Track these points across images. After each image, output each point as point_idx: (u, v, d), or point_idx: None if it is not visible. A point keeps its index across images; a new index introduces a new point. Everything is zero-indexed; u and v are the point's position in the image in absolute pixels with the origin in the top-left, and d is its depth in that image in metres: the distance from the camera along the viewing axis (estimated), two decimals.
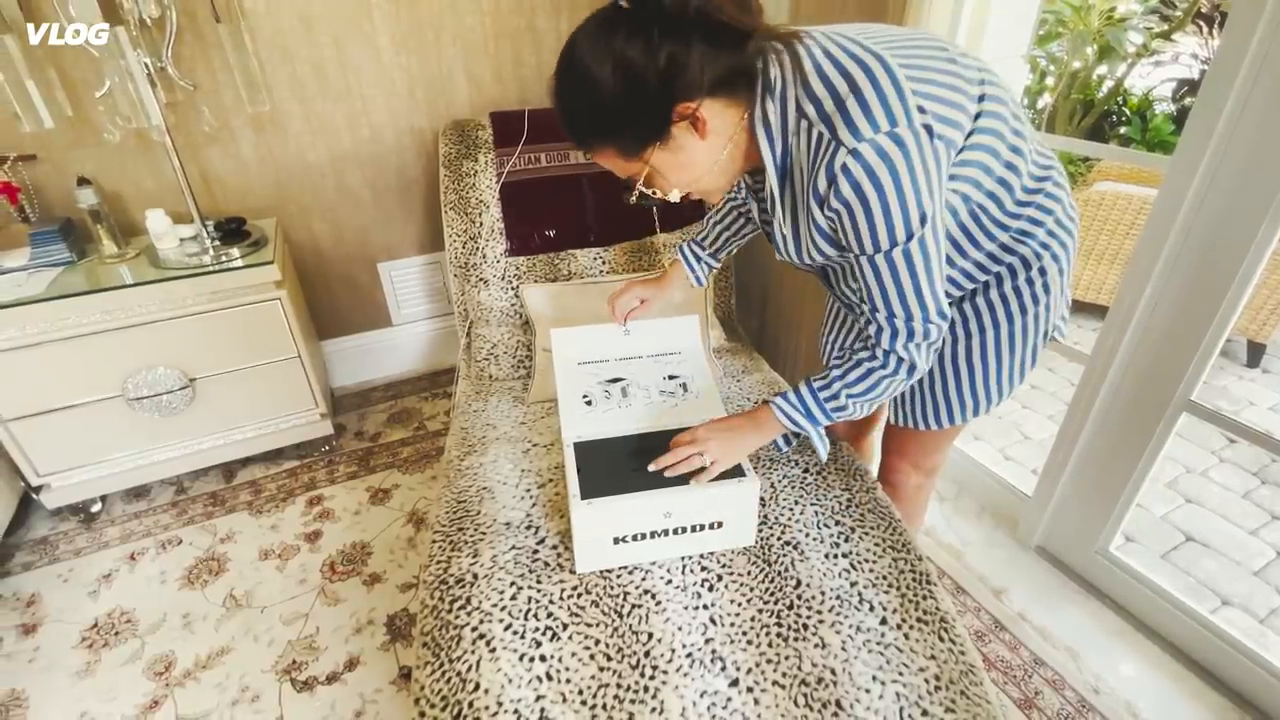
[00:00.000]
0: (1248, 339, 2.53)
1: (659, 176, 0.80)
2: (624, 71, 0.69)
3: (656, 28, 0.68)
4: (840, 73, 0.70)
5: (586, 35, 0.72)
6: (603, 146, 0.78)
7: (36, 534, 1.71)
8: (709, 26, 0.69)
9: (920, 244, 0.73)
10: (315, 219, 2.01)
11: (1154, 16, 3.85)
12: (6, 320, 1.43)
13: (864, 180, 0.69)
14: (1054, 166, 0.87)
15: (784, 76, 0.73)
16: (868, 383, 0.87)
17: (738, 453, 0.98)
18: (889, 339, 0.82)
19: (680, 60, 0.69)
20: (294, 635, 1.42)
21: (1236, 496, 1.89)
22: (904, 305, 0.79)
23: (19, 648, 1.41)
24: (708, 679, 0.87)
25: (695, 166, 0.79)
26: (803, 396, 0.92)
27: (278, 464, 1.92)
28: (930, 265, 0.76)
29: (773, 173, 0.79)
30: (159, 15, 1.49)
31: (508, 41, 1.98)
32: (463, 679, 0.87)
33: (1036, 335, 0.93)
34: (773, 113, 0.74)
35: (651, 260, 1.75)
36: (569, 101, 0.76)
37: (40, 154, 1.64)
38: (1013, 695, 1.27)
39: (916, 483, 1.20)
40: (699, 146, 0.77)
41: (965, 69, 0.76)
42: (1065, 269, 0.90)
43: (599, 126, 0.76)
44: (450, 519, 1.13)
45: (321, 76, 1.83)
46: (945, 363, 0.98)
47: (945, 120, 0.72)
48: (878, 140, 0.68)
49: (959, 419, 1.02)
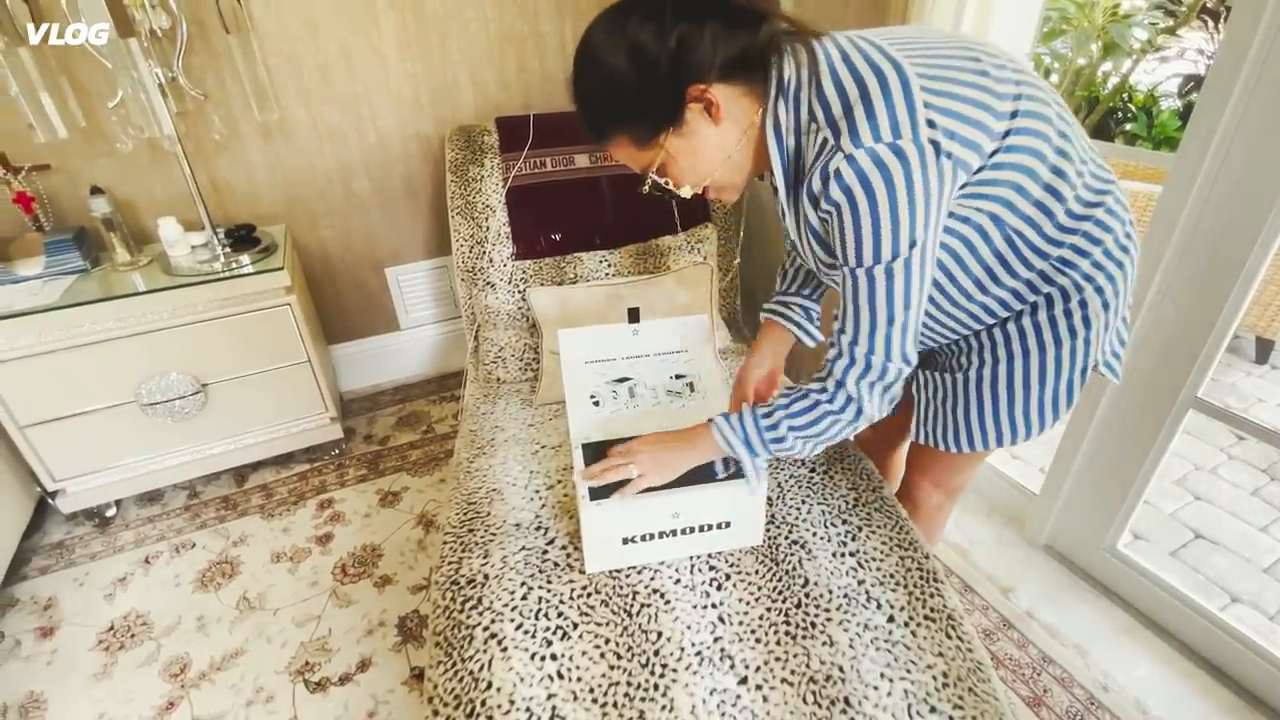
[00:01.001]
0: (1256, 335, 2.52)
1: (673, 165, 0.79)
2: (637, 55, 0.70)
3: (669, 10, 0.69)
4: (854, 77, 0.69)
5: (601, 25, 0.72)
6: (618, 135, 0.78)
7: (53, 538, 1.73)
8: (721, 6, 0.69)
9: (905, 266, 0.71)
10: (324, 225, 2.03)
11: (1159, 12, 3.84)
12: (22, 328, 1.45)
13: (855, 186, 0.68)
14: (1111, 190, 0.80)
15: (799, 76, 0.72)
16: (811, 416, 0.83)
17: (668, 470, 0.95)
18: (843, 368, 0.79)
19: (691, 40, 0.69)
20: (306, 637, 1.44)
21: (1246, 493, 1.88)
22: (871, 333, 0.76)
23: (37, 650, 1.43)
24: (717, 677, 0.88)
25: (709, 155, 0.78)
26: (744, 422, 0.88)
27: (288, 467, 1.94)
28: (909, 295, 0.73)
29: (779, 174, 0.77)
30: (170, 27, 1.52)
31: (512, 47, 2.00)
32: (475, 678, 0.89)
33: (1073, 370, 0.86)
34: (784, 114, 0.74)
35: (657, 263, 1.76)
36: (585, 91, 0.76)
37: (54, 164, 1.67)
38: (1021, 693, 1.28)
39: (937, 502, 1.16)
40: (712, 133, 0.76)
41: (1000, 81, 0.72)
42: (1114, 302, 0.83)
43: (614, 113, 0.76)
44: (461, 520, 1.14)
45: (328, 84, 1.85)
46: (970, 386, 0.92)
47: (959, 138, 0.69)
48: (876, 149, 0.66)
49: (980, 446, 0.95)
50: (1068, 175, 0.76)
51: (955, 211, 0.76)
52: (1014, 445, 0.94)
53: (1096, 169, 0.80)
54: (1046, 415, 0.90)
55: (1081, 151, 0.78)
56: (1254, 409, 2.32)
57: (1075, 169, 0.77)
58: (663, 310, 1.60)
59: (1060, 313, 0.83)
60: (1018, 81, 0.73)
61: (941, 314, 0.88)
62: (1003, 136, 0.72)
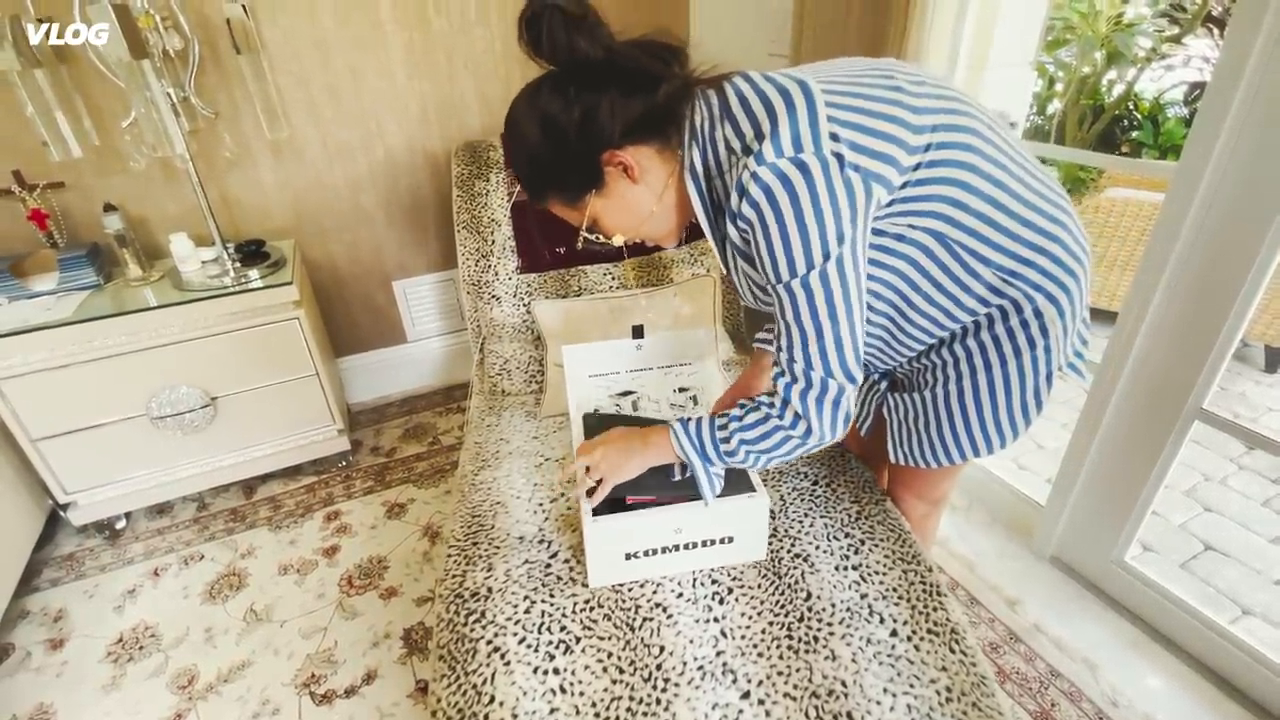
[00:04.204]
0: (1265, 344, 2.50)
1: (602, 221, 0.84)
2: (549, 127, 0.75)
3: (573, 84, 0.73)
4: (762, 100, 0.72)
5: (522, 98, 0.77)
6: (550, 197, 0.83)
7: (63, 550, 1.75)
8: (619, 76, 0.73)
9: (823, 279, 0.72)
10: (332, 239, 2.06)
11: (1163, 20, 3.84)
12: (36, 343, 1.48)
13: (762, 201, 0.70)
14: (1056, 201, 0.81)
15: (711, 116, 0.76)
16: (762, 430, 0.83)
17: (624, 470, 0.95)
18: (785, 386, 0.80)
19: (593, 111, 0.73)
20: (313, 649, 1.44)
21: (1256, 504, 1.87)
22: (805, 348, 0.76)
23: (47, 662, 1.45)
24: (719, 691, 0.88)
25: (635, 211, 0.82)
26: (700, 429, 0.89)
27: (296, 480, 1.96)
28: (834, 308, 0.73)
29: (701, 216, 0.81)
30: (182, 48, 1.55)
31: (518, 64, 2.02)
32: (478, 692, 0.89)
33: (1037, 378, 0.87)
34: (698, 158, 0.77)
35: (661, 275, 1.77)
36: (515, 159, 0.82)
37: (68, 181, 1.70)
38: (1029, 708, 1.26)
39: (923, 512, 1.18)
40: (633, 191, 0.80)
41: (917, 97, 0.74)
42: (1070, 308, 0.84)
43: (540, 179, 0.82)
44: (465, 533, 1.15)
45: (337, 102, 1.88)
46: (940, 403, 0.94)
47: (865, 150, 0.71)
48: (779, 164, 0.69)
49: (956, 459, 0.97)
50: (1006, 186, 0.77)
51: (890, 230, 0.78)
52: (990, 454, 0.95)
53: (1041, 182, 0.81)
54: (1018, 422, 0.91)
55: (1023, 165, 0.79)
56: (1264, 418, 2.30)
57: (1015, 182, 0.78)
58: (666, 322, 1.61)
59: (1017, 324, 0.84)
60: (939, 96, 0.76)
61: (900, 333, 0.90)
62: (924, 150, 0.74)
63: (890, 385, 1.04)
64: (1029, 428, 0.93)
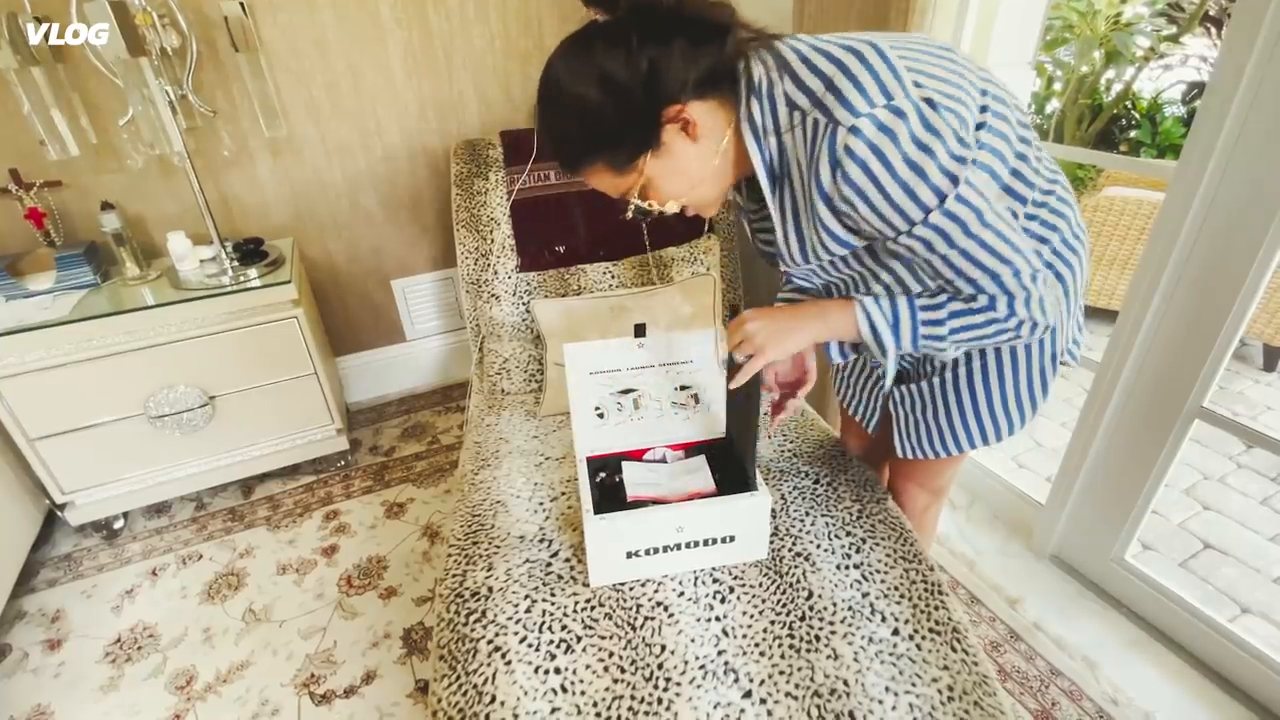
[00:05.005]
0: (1264, 343, 2.51)
1: (653, 187, 0.78)
2: (608, 84, 0.69)
3: (634, 35, 0.68)
4: (828, 59, 0.69)
5: (564, 57, 0.71)
6: (595, 164, 0.77)
7: (61, 551, 1.74)
8: (684, 24, 0.69)
9: (960, 200, 0.67)
10: (330, 238, 2.05)
11: (1162, 19, 3.84)
12: (33, 342, 1.47)
13: (870, 157, 0.66)
14: (1059, 181, 0.84)
15: (769, 75, 0.72)
16: (976, 322, 0.77)
17: (790, 342, 0.86)
18: (1005, 307, 0.74)
19: (661, 63, 0.69)
20: (312, 649, 1.44)
21: (1255, 502, 1.87)
22: (980, 267, 0.71)
23: (45, 663, 1.44)
24: (721, 690, 0.88)
25: (689, 173, 0.77)
26: (898, 308, 0.80)
27: (294, 479, 1.95)
28: (986, 215, 0.69)
29: (762, 174, 0.77)
30: (180, 45, 1.55)
31: (517, 62, 2.02)
32: (479, 691, 0.89)
33: (1043, 358, 0.89)
34: (759, 112, 0.73)
35: (661, 274, 1.77)
36: (557, 127, 0.75)
37: (65, 180, 1.69)
38: (1029, 706, 1.26)
39: (924, 503, 1.18)
40: (691, 150, 0.75)
41: (967, 71, 0.73)
42: (1073, 288, 0.86)
43: (590, 145, 0.75)
44: (465, 533, 1.14)
45: (336, 100, 1.88)
46: (949, 389, 0.95)
47: (950, 97, 0.68)
48: (875, 114, 0.65)
49: (965, 446, 0.97)
50: (1029, 159, 0.78)
51: None
52: (998, 441, 0.95)
53: (1047, 165, 0.83)
54: (1025, 407, 0.93)
55: (1038, 149, 0.81)
56: (1263, 416, 2.31)
57: (1032, 164, 0.79)
58: (666, 322, 1.61)
59: None
60: (983, 76, 0.76)
61: None
62: (981, 111, 0.73)
63: (896, 378, 1.03)
64: (1035, 413, 0.94)
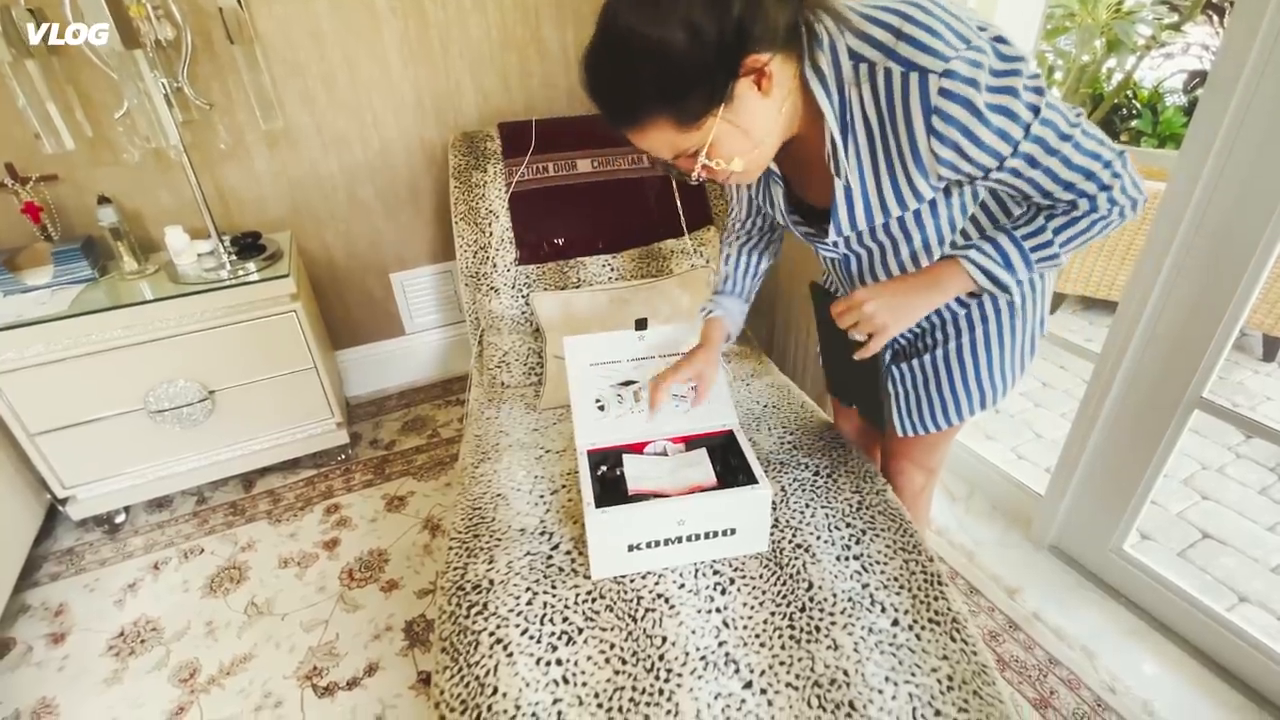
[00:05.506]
0: (1263, 333, 2.51)
1: (717, 145, 0.74)
2: (692, 28, 0.65)
3: None
4: (889, 10, 0.69)
5: (633, 3, 0.67)
6: (658, 118, 0.71)
7: (63, 545, 1.75)
8: None
9: (1046, 116, 0.70)
10: (328, 231, 2.05)
11: (1163, 7, 3.82)
12: (31, 337, 1.47)
13: (970, 94, 0.67)
14: None
15: (829, 30, 0.71)
16: (1082, 226, 0.78)
17: (913, 312, 0.87)
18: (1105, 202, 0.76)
19: (754, 9, 0.66)
20: (314, 642, 1.44)
21: (1254, 492, 1.87)
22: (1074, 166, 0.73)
23: (48, 656, 1.45)
24: (722, 681, 0.89)
25: (754, 131, 0.74)
26: (1001, 247, 0.81)
27: (295, 473, 1.96)
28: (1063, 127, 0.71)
29: (834, 122, 0.75)
30: (175, 37, 1.53)
31: (514, 53, 2.00)
32: (481, 683, 0.89)
33: (1034, 321, 0.96)
34: (825, 63, 0.72)
35: (659, 267, 1.76)
36: (620, 73, 0.70)
37: (62, 174, 1.68)
38: (1028, 695, 1.27)
39: (921, 483, 1.20)
40: (760, 106, 0.72)
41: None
42: None
43: (659, 94, 0.69)
44: (466, 525, 1.15)
45: (332, 92, 1.87)
46: (942, 361, 1.00)
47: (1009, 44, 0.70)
48: (963, 56, 0.66)
49: (965, 414, 1.03)
50: None
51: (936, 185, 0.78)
52: (994, 405, 1.01)
53: None
54: (1016, 370, 1.00)
55: None
56: (1262, 407, 2.31)
57: None
58: (665, 313, 1.61)
59: None
60: None
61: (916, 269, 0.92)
62: None
63: (892, 356, 1.07)
64: (1024, 374, 1.00)
